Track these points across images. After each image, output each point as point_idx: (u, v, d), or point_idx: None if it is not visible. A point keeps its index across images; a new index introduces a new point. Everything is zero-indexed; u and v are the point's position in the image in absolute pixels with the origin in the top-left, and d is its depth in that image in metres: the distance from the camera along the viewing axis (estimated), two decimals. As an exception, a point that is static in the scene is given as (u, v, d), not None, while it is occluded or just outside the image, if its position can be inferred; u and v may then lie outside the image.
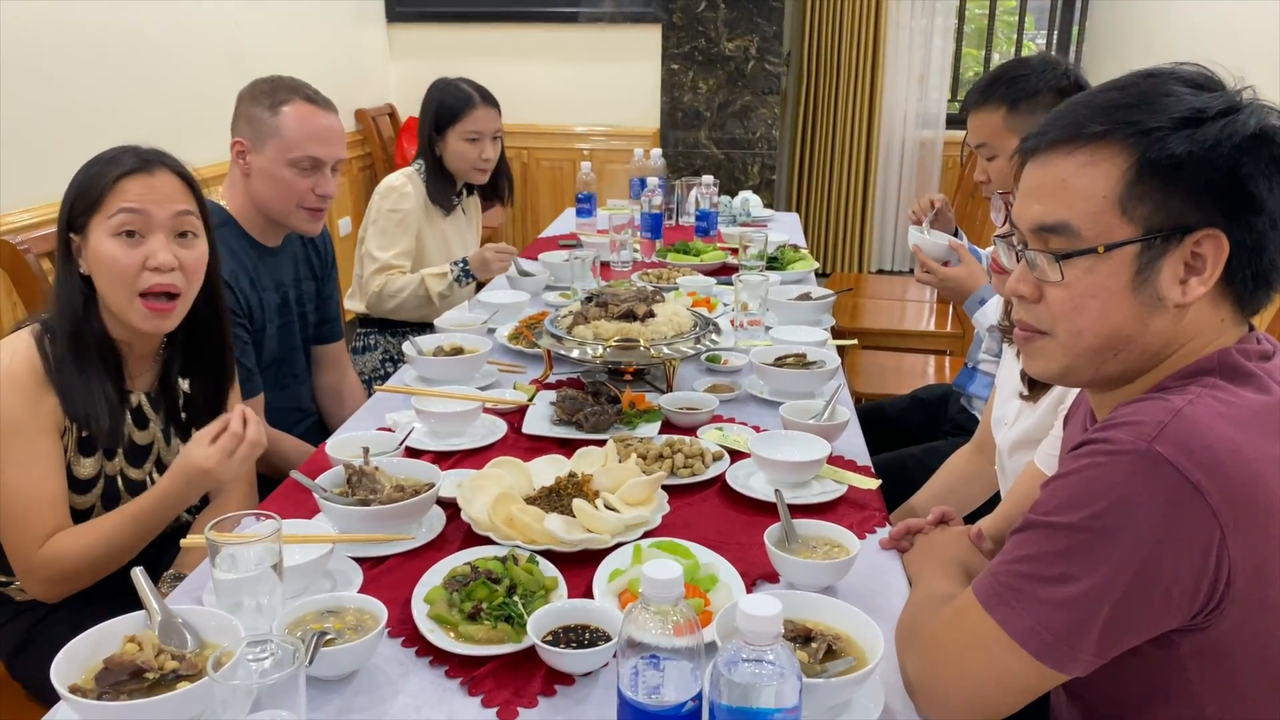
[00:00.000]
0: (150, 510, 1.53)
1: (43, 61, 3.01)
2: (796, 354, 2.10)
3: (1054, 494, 0.97)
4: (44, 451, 1.51)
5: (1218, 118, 0.96)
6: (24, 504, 1.49)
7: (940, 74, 5.90)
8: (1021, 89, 2.09)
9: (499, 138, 2.96)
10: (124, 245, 1.53)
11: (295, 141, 2.07)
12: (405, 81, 5.48)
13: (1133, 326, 1.01)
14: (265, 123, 2.07)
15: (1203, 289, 0.99)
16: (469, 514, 1.45)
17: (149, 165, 1.55)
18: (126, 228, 1.52)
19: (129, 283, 1.53)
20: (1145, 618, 0.93)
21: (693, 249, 3.17)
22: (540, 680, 1.15)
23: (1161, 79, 1.00)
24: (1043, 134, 1.04)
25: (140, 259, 1.53)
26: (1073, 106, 1.04)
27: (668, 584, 0.89)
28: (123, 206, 1.52)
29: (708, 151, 5.34)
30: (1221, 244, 0.97)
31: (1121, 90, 1.01)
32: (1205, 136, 0.95)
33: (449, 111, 2.90)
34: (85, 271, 1.55)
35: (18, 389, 1.49)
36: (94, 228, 1.53)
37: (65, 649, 1.07)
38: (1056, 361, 1.07)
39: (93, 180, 1.53)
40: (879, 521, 1.54)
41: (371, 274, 2.83)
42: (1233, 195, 0.96)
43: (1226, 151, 0.95)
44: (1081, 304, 1.02)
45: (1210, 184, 0.96)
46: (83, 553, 1.51)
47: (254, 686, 0.95)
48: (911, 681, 1.09)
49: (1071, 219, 1.01)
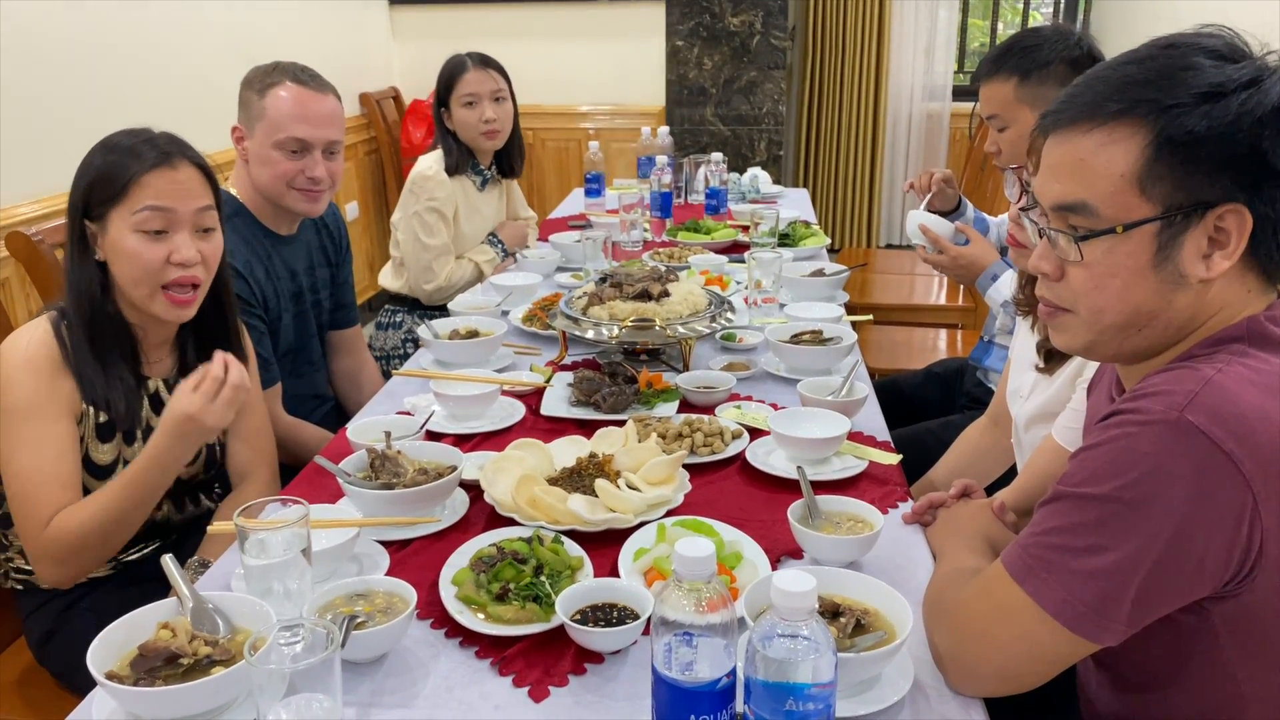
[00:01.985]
0: (145, 471, 1.52)
1: (44, 50, 3.00)
2: (812, 330, 2.10)
3: (1084, 465, 0.97)
4: (58, 434, 1.51)
5: (1238, 91, 0.94)
6: (35, 485, 1.50)
7: (946, 46, 5.86)
8: (1033, 59, 2.07)
9: (502, 99, 2.95)
10: (148, 241, 1.53)
11: (279, 123, 2.05)
12: (409, 64, 5.46)
13: (1155, 303, 1.01)
14: (254, 105, 2.07)
15: (1226, 264, 0.98)
16: (492, 495, 1.46)
17: (170, 158, 1.55)
18: (152, 226, 1.53)
19: (152, 277, 1.54)
20: (1178, 586, 0.94)
21: (703, 227, 3.16)
22: (570, 659, 1.15)
23: (1182, 51, 0.98)
24: (1061, 111, 1.03)
25: (164, 254, 1.54)
26: (1090, 82, 1.02)
27: (701, 561, 0.89)
28: (148, 204, 1.52)
29: (714, 128, 5.32)
30: (1245, 218, 0.96)
31: (1140, 64, 1.00)
32: (1226, 112, 0.94)
33: (446, 82, 2.92)
34: (101, 258, 1.55)
35: (35, 373, 1.50)
36: (114, 219, 1.53)
37: (100, 636, 1.08)
38: (1080, 337, 1.07)
39: (113, 171, 1.52)
40: (900, 496, 1.54)
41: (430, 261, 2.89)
42: (1255, 169, 0.95)
43: (1248, 126, 0.94)
44: (1102, 283, 1.02)
45: (1231, 159, 0.95)
46: (84, 525, 1.50)
47: (289, 671, 0.95)
48: (941, 654, 1.10)
49: (1090, 198, 1.00)
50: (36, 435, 1.50)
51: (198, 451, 1.71)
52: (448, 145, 2.93)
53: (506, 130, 2.98)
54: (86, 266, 1.55)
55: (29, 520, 1.51)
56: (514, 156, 3.08)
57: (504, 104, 2.95)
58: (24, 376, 1.49)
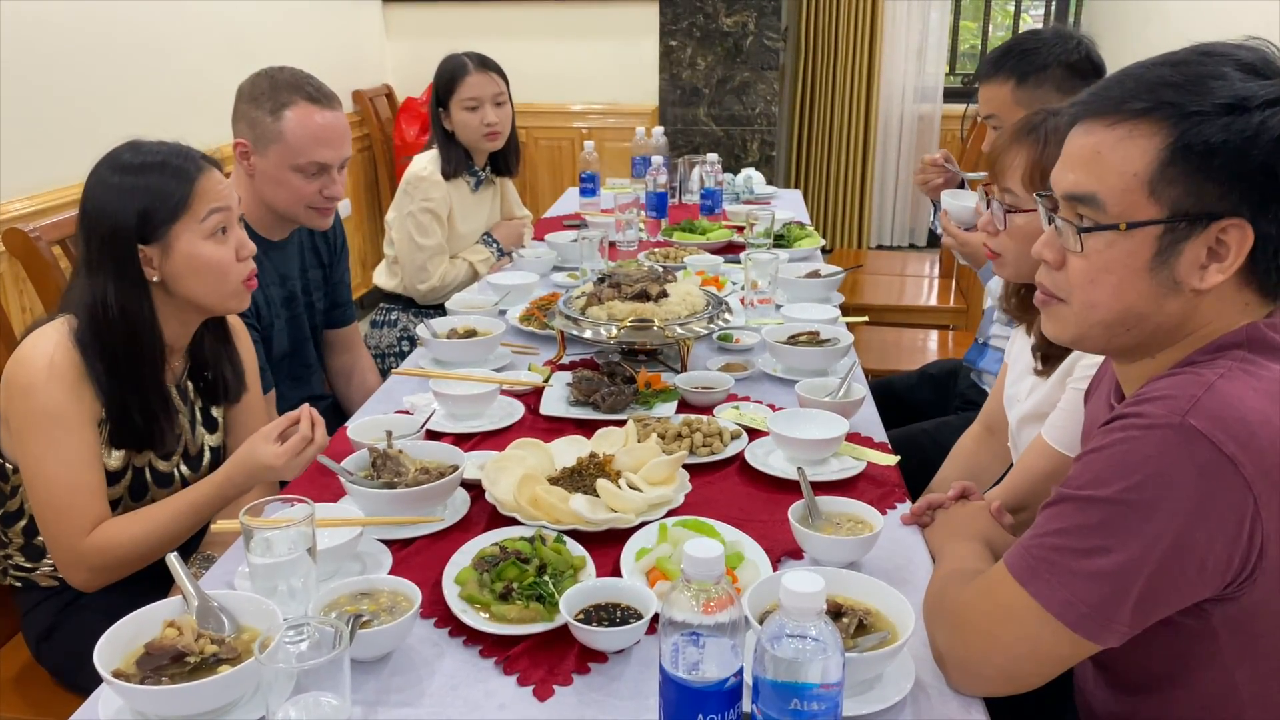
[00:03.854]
0: (209, 500, 1.55)
1: (39, 45, 2.98)
2: (809, 332, 2.11)
3: (1087, 468, 0.98)
4: (86, 442, 1.52)
5: (1262, 108, 0.94)
6: (69, 492, 1.50)
7: (938, 47, 5.88)
8: (1031, 62, 2.09)
9: (503, 103, 2.94)
10: (219, 243, 1.58)
11: (299, 148, 2.04)
12: (402, 61, 5.44)
13: (1146, 306, 1.02)
14: (267, 127, 2.04)
15: (1221, 277, 0.99)
16: (494, 495, 1.46)
17: (206, 161, 1.59)
18: (220, 226, 1.57)
19: (230, 276, 1.60)
20: (1180, 589, 0.95)
21: (698, 227, 3.17)
22: (574, 658, 1.16)
23: (1216, 60, 0.98)
24: (1089, 101, 1.04)
25: (233, 252, 1.60)
26: (1123, 77, 1.03)
27: (710, 562, 0.90)
28: (214, 207, 1.56)
29: (707, 128, 5.33)
30: (1247, 234, 0.97)
31: (1174, 67, 1.00)
32: (1245, 126, 0.94)
33: (446, 83, 2.90)
34: (158, 279, 1.55)
35: (61, 381, 1.49)
36: (180, 234, 1.54)
37: (106, 634, 1.08)
38: (1069, 329, 1.09)
39: (168, 187, 1.53)
40: (899, 497, 1.55)
41: (425, 261, 2.89)
42: (1265, 187, 0.95)
43: (1264, 143, 0.94)
44: (1098, 277, 1.03)
45: (1243, 174, 0.95)
46: (135, 541, 1.52)
47: (298, 670, 0.96)
48: (942, 654, 1.11)
49: (1100, 192, 1.01)
50: (65, 443, 1.49)
51: (200, 453, 1.72)
52: (445, 147, 2.92)
53: (506, 133, 2.98)
54: (140, 291, 1.54)
55: (65, 527, 1.51)
56: (510, 156, 3.08)
57: (504, 107, 2.95)
58: (50, 384, 1.48)
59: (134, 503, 1.63)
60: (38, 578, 1.66)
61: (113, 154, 1.56)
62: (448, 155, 2.90)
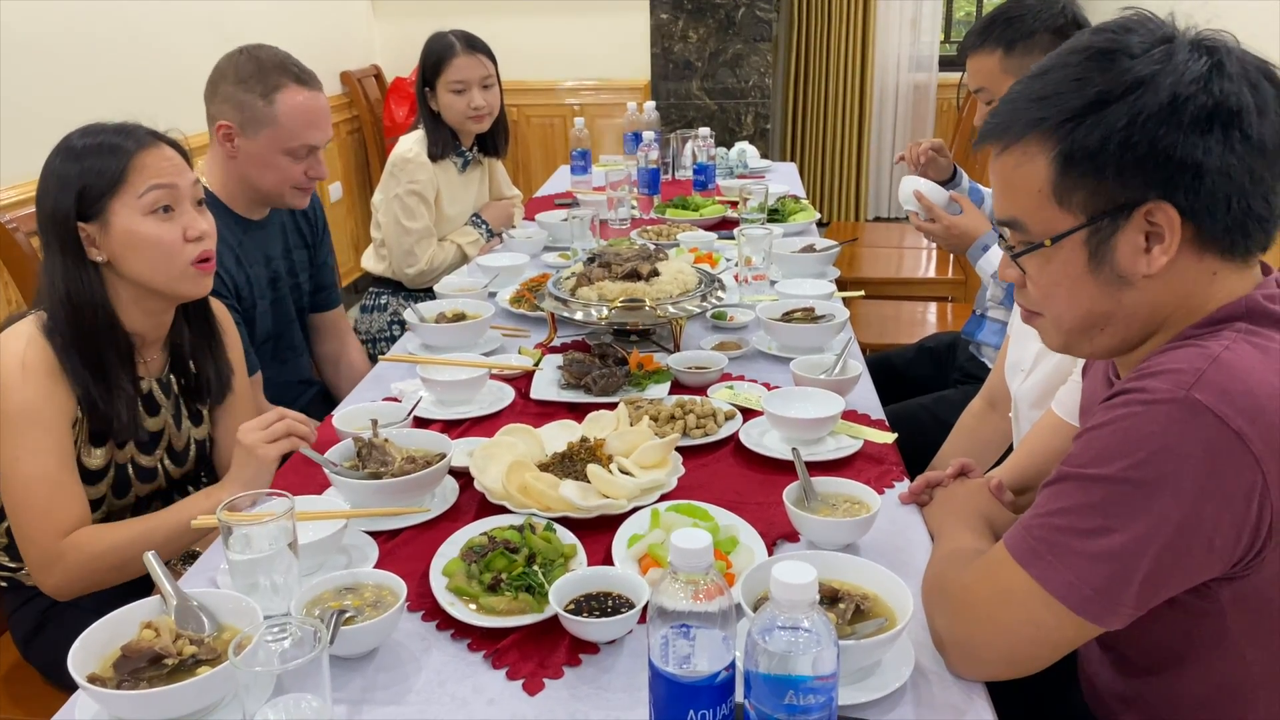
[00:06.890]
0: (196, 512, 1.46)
1: (14, 34, 2.93)
2: (804, 308, 2.07)
3: (1089, 445, 0.95)
4: (61, 441, 1.48)
5: (1125, 95, 0.94)
6: (45, 493, 1.46)
7: (932, 16, 5.81)
8: (1018, 30, 2.04)
9: (490, 85, 2.89)
10: (161, 222, 1.52)
11: (294, 131, 2.03)
12: (390, 41, 5.38)
13: (1105, 305, 1.02)
14: (259, 110, 2.01)
15: (1166, 258, 0.97)
16: (482, 483, 1.43)
17: (154, 138, 1.54)
18: (162, 204, 1.51)
19: (175, 256, 1.53)
20: (1187, 568, 0.92)
21: (691, 204, 3.12)
22: (564, 650, 1.13)
23: (1080, 55, 0.98)
24: (985, 132, 1.06)
25: (180, 231, 1.53)
26: (1006, 100, 1.04)
27: (698, 553, 0.86)
28: (154, 183, 1.50)
29: (700, 102, 5.27)
30: (1170, 212, 0.95)
31: (1041, 77, 1.01)
32: (1116, 118, 0.94)
33: (433, 64, 2.85)
34: (102, 259, 1.50)
35: (35, 378, 1.45)
36: (118, 210, 1.49)
37: (81, 638, 1.05)
38: (1054, 339, 1.10)
39: (103, 163, 1.48)
40: (897, 476, 1.52)
41: (412, 245, 2.84)
42: (1161, 166, 0.94)
43: (1140, 127, 0.93)
44: (1050, 291, 1.05)
45: (1135, 161, 0.94)
46: (116, 548, 1.48)
47: (276, 671, 0.93)
48: (943, 638, 1.08)
49: (1019, 215, 1.04)
50: (39, 442, 1.45)
51: (186, 448, 1.69)
52: (431, 128, 2.86)
53: (494, 115, 2.92)
54: (85, 272, 1.50)
55: (40, 528, 1.46)
56: (499, 137, 3.03)
57: (492, 90, 2.89)
58: (22, 382, 1.45)
59: (116, 500, 1.59)
60: (22, 577, 1.63)
61: (66, 137, 1.52)
62: (434, 136, 2.85)
